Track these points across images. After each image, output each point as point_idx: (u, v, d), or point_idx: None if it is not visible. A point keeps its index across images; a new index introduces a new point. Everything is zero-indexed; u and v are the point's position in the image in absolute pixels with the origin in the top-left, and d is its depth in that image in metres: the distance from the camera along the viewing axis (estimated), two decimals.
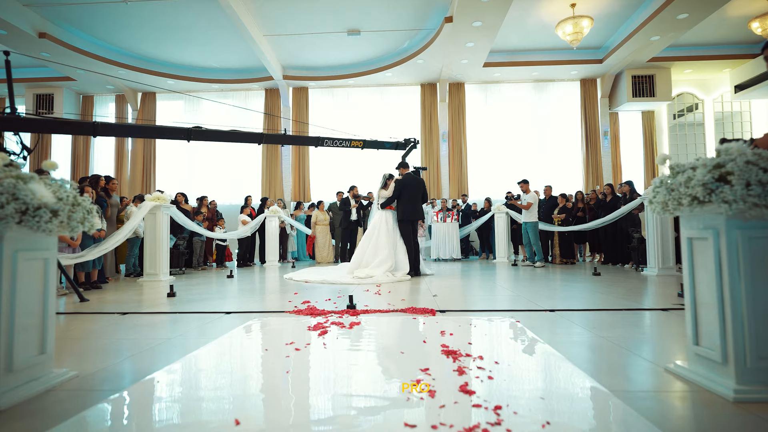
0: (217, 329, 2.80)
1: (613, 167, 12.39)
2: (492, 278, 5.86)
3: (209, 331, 2.74)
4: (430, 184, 12.41)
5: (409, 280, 5.69)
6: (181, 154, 13.08)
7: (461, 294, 4.25)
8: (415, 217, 6.25)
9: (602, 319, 2.96)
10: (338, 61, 11.82)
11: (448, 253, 9.75)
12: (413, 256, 6.15)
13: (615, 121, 12.56)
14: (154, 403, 1.65)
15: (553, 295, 4.17)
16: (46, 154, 13.04)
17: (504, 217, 9.22)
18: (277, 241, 9.35)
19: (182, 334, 2.69)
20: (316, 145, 6.74)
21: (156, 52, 11.25)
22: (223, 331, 2.73)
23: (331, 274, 6.30)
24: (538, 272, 6.66)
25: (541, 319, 2.97)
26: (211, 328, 2.85)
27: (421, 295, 4.27)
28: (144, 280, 6.09)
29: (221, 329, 2.79)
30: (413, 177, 6.38)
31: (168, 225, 6.42)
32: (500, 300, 3.90)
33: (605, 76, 12.10)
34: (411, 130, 12.68)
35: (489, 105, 12.77)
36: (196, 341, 2.48)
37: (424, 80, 12.48)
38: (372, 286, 5.06)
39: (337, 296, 4.13)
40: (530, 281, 5.39)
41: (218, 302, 3.96)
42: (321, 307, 3.48)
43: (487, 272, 6.85)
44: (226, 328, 2.80)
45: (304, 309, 3.30)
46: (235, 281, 5.96)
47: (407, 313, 3.19)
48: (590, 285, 4.89)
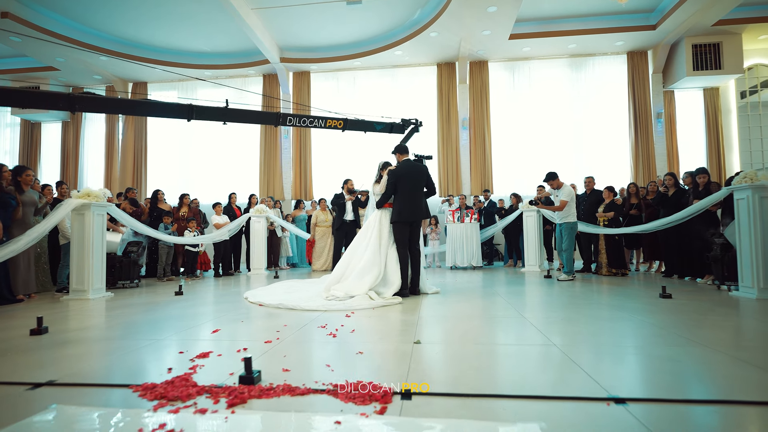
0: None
1: (668, 156, 10.37)
2: (514, 300, 4.24)
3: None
4: (448, 179, 10.77)
5: (399, 303, 4.15)
6: (173, 149, 12.00)
7: (458, 341, 2.69)
8: (415, 218, 4.70)
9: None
10: (340, 38, 10.37)
11: (466, 260, 8.12)
12: (407, 269, 4.61)
13: (670, 100, 10.52)
14: None
15: (609, 342, 2.54)
16: (36, 149, 12.26)
17: (534, 216, 7.51)
18: (264, 245, 8.00)
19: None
20: (277, 123, 5.30)
21: (138, 34, 10.14)
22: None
23: (301, 291, 4.85)
24: (578, 290, 4.96)
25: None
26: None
27: (397, 339, 2.73)
28: (69, 298, 4.83)
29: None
30: (412, 165, 4.84)
31: (102, 229, 5.13)
32: (517, 362, 2.30)
33: (659, 46, 10.10)
34: (426, 117, 11.07)
35: (517, 86, 10.99)
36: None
37: (441, 59, 10.84)
38: (341, 314, 3.57)
39: (281, 330, 2.66)
40: (569, 308, 3.75)
41: (77, 350, 2.57)
42: (207, 375, 2.02)
43: (510, 289, 5.22)
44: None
45: (161, 385, 1.84)
46: (174, 302, 4.59)
47: (339, 400, 1.67)
48: (666, 319, 3.20)
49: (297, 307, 3.87)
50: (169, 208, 7.64)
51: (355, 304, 3.87)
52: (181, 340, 2.75)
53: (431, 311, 3.74)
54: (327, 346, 2.57)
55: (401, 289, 4.51)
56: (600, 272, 6.62)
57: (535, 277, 6.46)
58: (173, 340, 2.76)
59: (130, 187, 7.44)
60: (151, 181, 11.84)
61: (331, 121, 5.64)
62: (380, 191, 4.87)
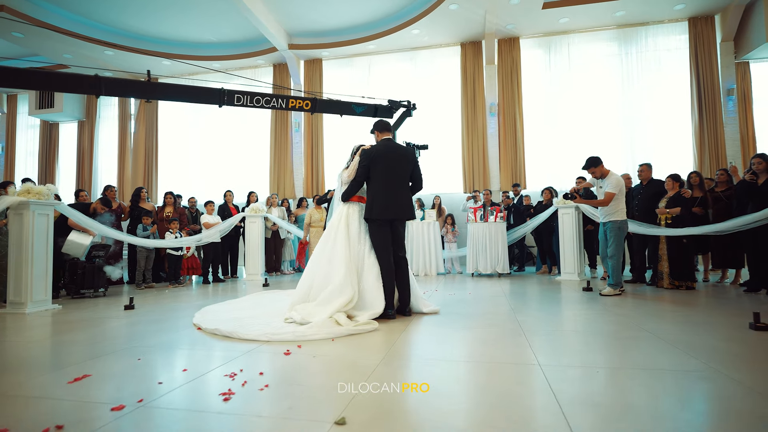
0: None
1: (741, 140, 8.63)
2: (535, 328, 3.07)
3: None
4: (474, 172, 9.54)
5: (373, 330, 3.09)
6: (183, 148, 11.52)
7: (414, 422, 1.62)
8: (394, 215, 3.61)
9: None
10: (352, 19, 9.41)
11: (489, 266, 6.90)
12: (392, 284, 3.54)
13: (744, 74, 8.75)
14: None
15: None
16: (54, 150, 12.17)
17: (572, 213, 6.22)
18: (260, 248, 7.17)
19: None
20: (221, 101, 4.31)
21: (143, 26, 9.64)
22: None
23: (265, 307, 3.90)
24: (627, 311, 3.70)
25: None
26: None
27: (318, 409, 1.71)
28: (6, 312, 4.15)
29: None
30: (394, 146, 3.74)
31: (47, 231, 4.43)
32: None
33: (729, 8, 8.40)
34: (449, 104, 9.91)
35: (553, 65, 9.58)
36: None
37: (465, 37, 9.63)
38: (287, 346, 2.58)
39: (167, 381, 1.73)
40: (613, 347, 2.57)
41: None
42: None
43: (535, 308, 4.02)
44: None
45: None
46: (115, 319, 3.78)
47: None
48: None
49: (233, 335, 2.91)
50: (151, 208, 6.96)
51: (311, 332, 2.85)
52: (28, 392, 1.85)
53: (410, 347, 2.67)
54: (193, 425, 1.57)
55: (385, 310, 3.45)
56: (659, 284, 5.24)
57: (571, 290, 5.19)
58: (22, 389, 1.86)
59: (109, 185, 6.81)
60: (162, 181, 11.41)
61: (295, 101, 4.64)
62: (348, 178, 3.80)
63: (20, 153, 12.59)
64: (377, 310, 3.36)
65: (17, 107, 12.54)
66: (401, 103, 4.86)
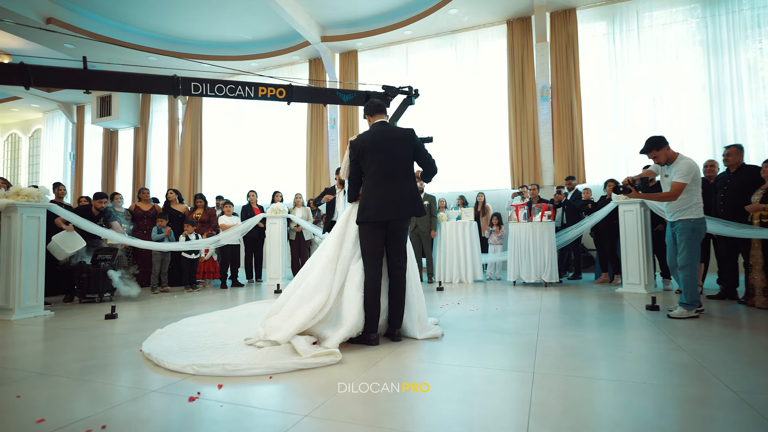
0: None
1: None
2: (567, 370, 2.21)
3: None
4: (523, 165, 8.45)
5: (333, 363, 2.38)
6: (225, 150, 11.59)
7: None
8: (387, 215, 2.87)
9: None
10: (383, 5, 8.75)
11: (534, 273, 5.88)
12: (378, 298, 2.82)
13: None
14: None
15: None
16: (114, 156, 12.87)
17: (636, 210, 5.07)
18: (281, 250, 6.74)
19: None
20: (175, 91, 3.76)
21: (180, 29, 9.74)
22: None
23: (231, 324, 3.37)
24: (706, 347, 2.65)
25: None
26: None
27: None
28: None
29: None
30: (385, 130, 3.01)
31: (38, 234, 4.27)
32: None
33: None
34: (495, 89, 8.90)
35: (619, 39, 8.20)
36: None
37: (511, 13, 8.57)
38: (206, 386, 1.99)
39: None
40: (685, 418, 1.65)
41: None
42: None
43: (575, 335, 3.08)
44: None
45: None
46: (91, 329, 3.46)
47: None
48: None
49: (161, 364, 2.37)
50: (184, 210, 6.84)
51: (244, 366, 2.22)
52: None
53: (369, 400, 1.94)
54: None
55: (365, 333, 2.75)
56: (750, 302, 3.97)
57: (632, 306, 4.10)
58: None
59: (143, 188, 6.80)
60: (207, 182, 11.56)
61: (266, 89, 4.02)
62: (346, 178, 3.16)
63: (87, 159, 13.47)
64: (353, 327, 2.68)
65: (84, 117, 13.45)
66: (401, 89, 4.09)
